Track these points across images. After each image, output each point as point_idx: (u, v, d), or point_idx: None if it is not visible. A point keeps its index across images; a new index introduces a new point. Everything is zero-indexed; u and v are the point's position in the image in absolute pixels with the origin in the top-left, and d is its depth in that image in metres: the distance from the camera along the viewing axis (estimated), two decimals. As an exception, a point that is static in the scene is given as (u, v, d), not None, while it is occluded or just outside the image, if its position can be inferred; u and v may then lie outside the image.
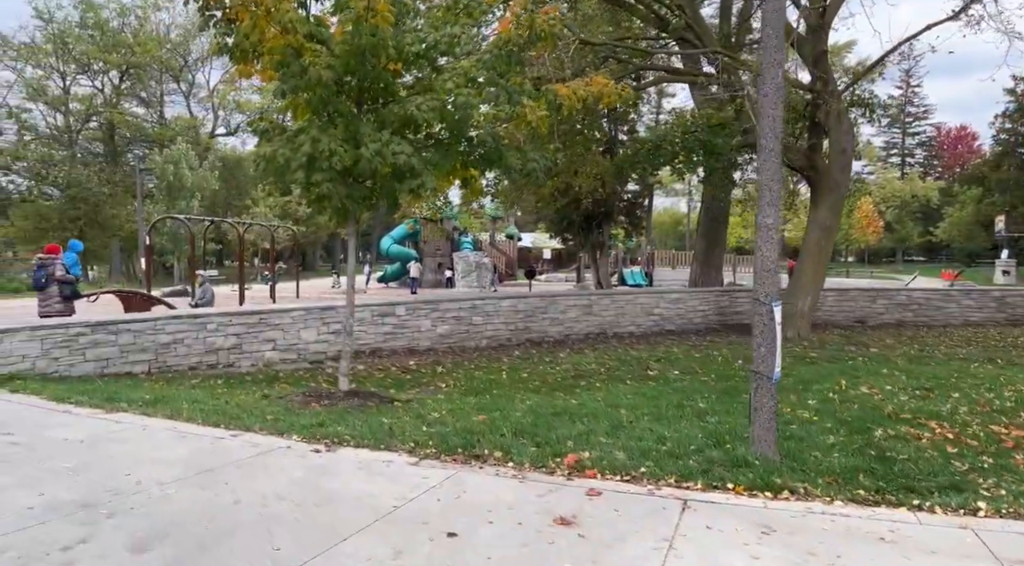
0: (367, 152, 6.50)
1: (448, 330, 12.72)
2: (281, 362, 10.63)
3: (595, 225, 27.32)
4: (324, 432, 5.55)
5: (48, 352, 8.20)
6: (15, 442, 5.18)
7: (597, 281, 29.76)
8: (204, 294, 12.31)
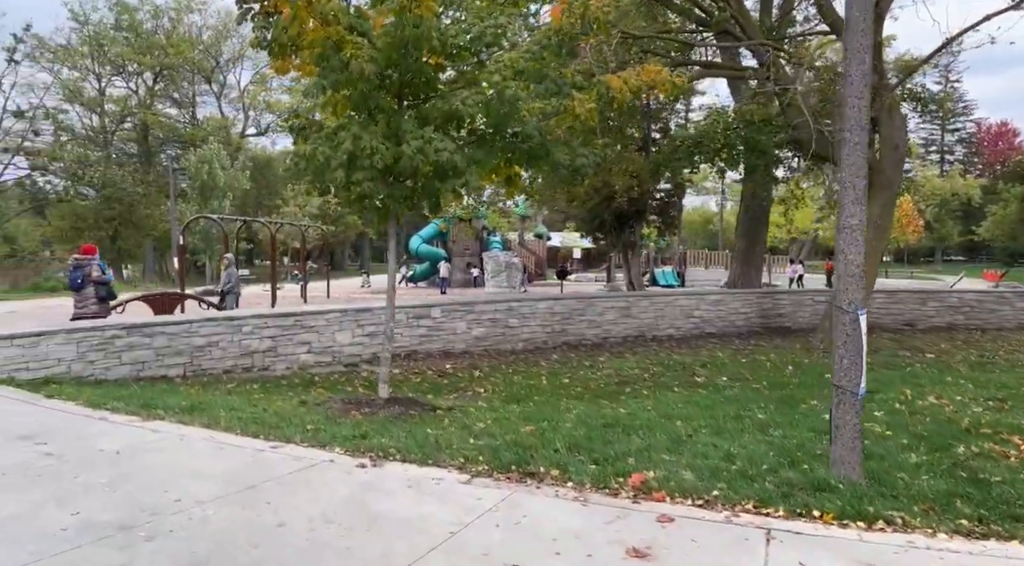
0: (409, 149, 6.20)
1: (484, 333, 12.41)
2: (316, 365, 10.41)
3: (627, 224, 26.88)
4: (368, 445, 5.26)
5: (84, 355, 8.06)
6: (49, 452, 4.97)
7: (629, 281, 29.22)
8: (230, 278, 12.14)
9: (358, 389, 9.13)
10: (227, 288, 11.85)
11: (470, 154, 6.48)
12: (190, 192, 36.17)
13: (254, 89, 55.46)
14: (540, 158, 6.93)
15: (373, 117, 6.65)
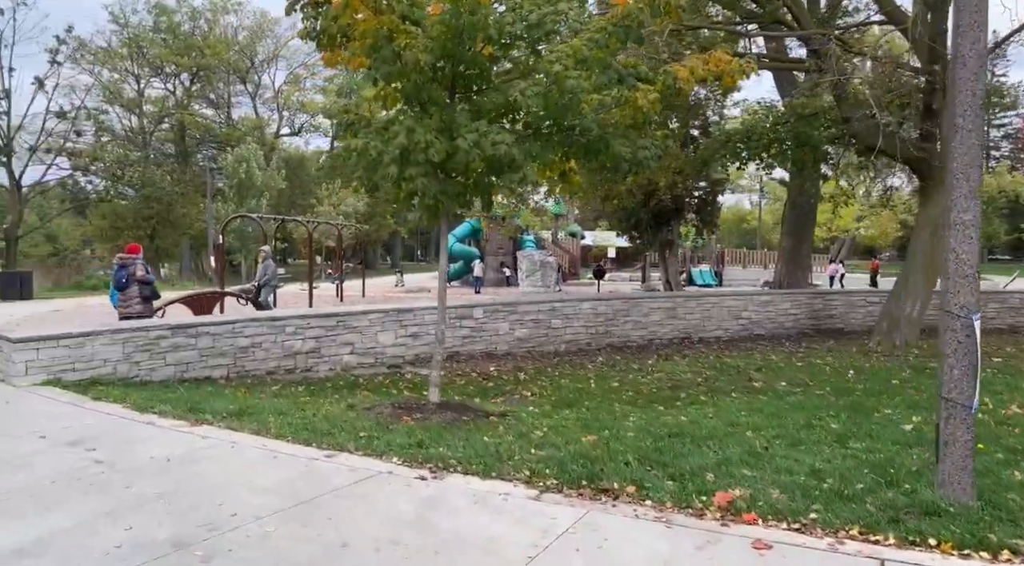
0: (464, 143, 5.90)
1: (526, 334, 12.10)
2: (359, 366, 10.20)
3: (665, 222, 26.35)
4: (426, 454, 4.98)
5: (129, 356, 7.94)
6: (99, 459, 4.78)
7: (666, 280, 28.69)
8: (266, 271, 12.00)
9: (403, 392, 8.90)
10: (263, 281, 11.69)
11: (527, 148, 6.16)
12: (227, 191, 36.53)
13: (288, 89, 55.96)
14: (598, 152, 6.58)
15: (426, 110, 6.38)
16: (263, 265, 11.87)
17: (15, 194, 31.63)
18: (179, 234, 42.44)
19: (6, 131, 29.53)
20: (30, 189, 33.80)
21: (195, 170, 46.96)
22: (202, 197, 42.30)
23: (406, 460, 4.91)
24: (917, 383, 9.28)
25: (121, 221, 40.16)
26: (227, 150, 40.99)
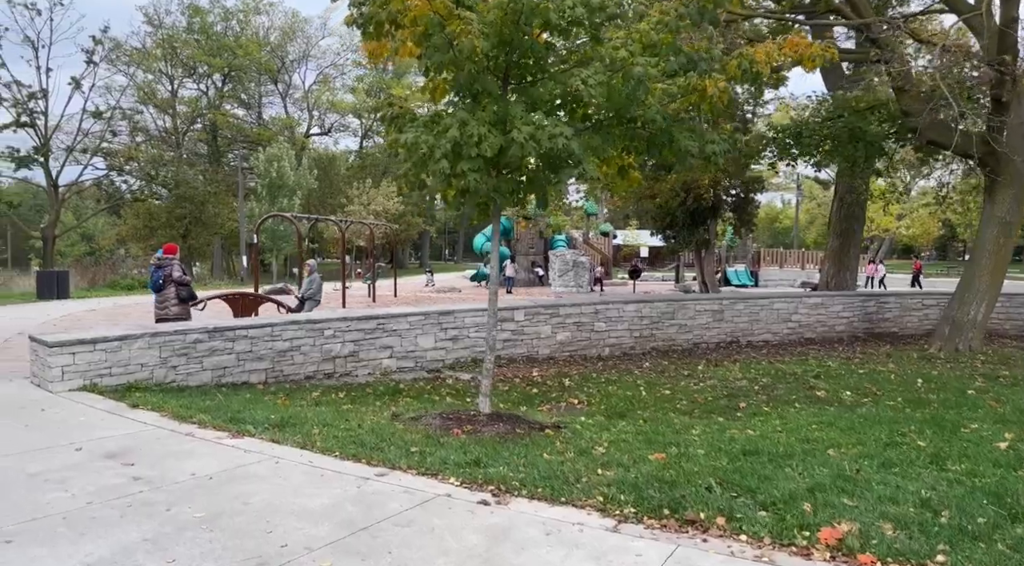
0: (519, 136, 5.48)
1: (568, 337, 11.66)
2: (398, 371, 9.86)
3: (701, 221, 25.72)
4: (485, 475, 4.57)
5: (166, 360, 7.68)
6: (138, 476, 4.46)
7: (702, 281, 28.02)
8: (311, 284, 11.72)
9: (445, 398, 8.52)
10: (308, 294, 11.43)
11: (586, 141, 5.72)
12: (259, 190, 36.64)
13: (318, 89, 56.16)
14: (662, 146, 6.12)
15: (478, 102, 5.98)
16: (309, 279, 11.62)
17: (52, 194, 32.03)
18: (211, 233, 42.78)
19: (44, 131, 29.87)
20: (67, 189, 34.26)
21: (226, 170, 47.31)
22: (233, 197, 42.54)
23: (464, 481, 4.51)
24: (995, 393, 8.65)
25: (155, 220, 40.57)
26: (258, 150, 41.16)
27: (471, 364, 10.58)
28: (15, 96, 28.25)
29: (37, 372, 7.23)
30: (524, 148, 5.52)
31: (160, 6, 44.43)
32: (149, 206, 41.44)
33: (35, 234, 39.40)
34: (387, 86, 56.42)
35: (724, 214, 25.98)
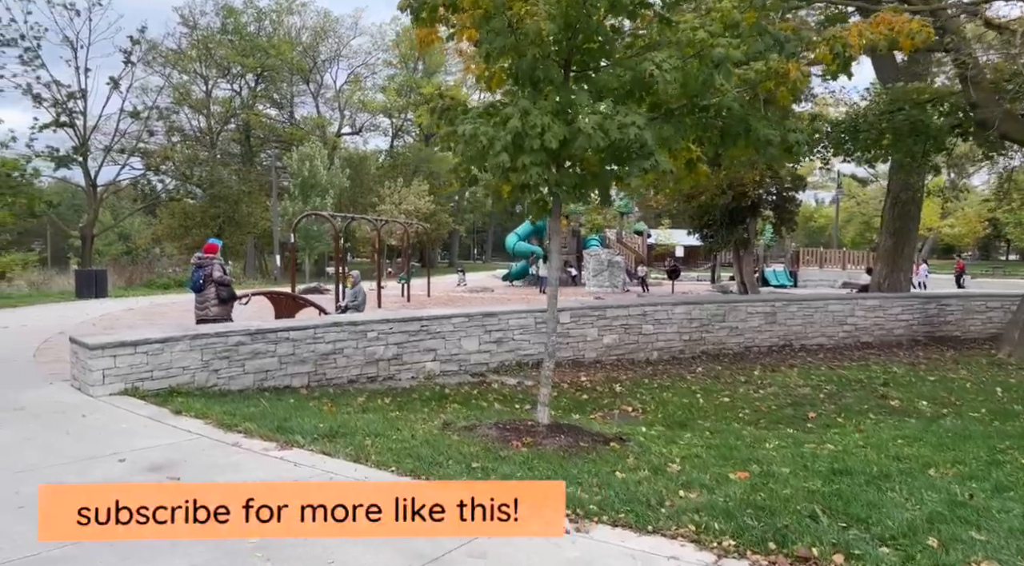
0: (586, 125, 5.06)
1: (615, 340, 11.20)
2: (442, 374, 9.51)
3: (740, 220, 25.05)
4: (559, 496, 4.16)
5: (208, 363, 7.41)
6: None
7: (740, 281, 27.28)
8: (356, 296, 11.44)
9: (494, 405, 8.14)
10: (352, 304, 11.15)
11: (657, 131, 5.28)
12: (292, 189, 36.73)
13: (349, 88, 56.31)
14: (737, 136, 5.65)
15: (539, 90, 5.57)
16: (353, 290, 11.36)
17: (91, 193, 32.45)
18: (244, 233, 43.04)
19: (83, 131, 30.25)
20: (105, 188, 34.73)
21: (259, 169, 47.63)
22: (266, 196, 42.79)
23: (536, 503, 4.10)
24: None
25: (189, 220, 40.94)
26: (291, 149, 41.34)
27: (516, 368, 10.20)
28: (55, 96, 28.63)
29: (77, 375, 7.01)
30: (591, 139, 5.10)
31: (195, 7, 44.95)
32: (184, 205, 41.84)
33: (74, 233, 40.04)
34: (417, 85, 56.30)
35: (764, 212, 25.29)
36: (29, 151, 22.00)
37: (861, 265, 35.38)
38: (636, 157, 5.30)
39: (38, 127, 25.66)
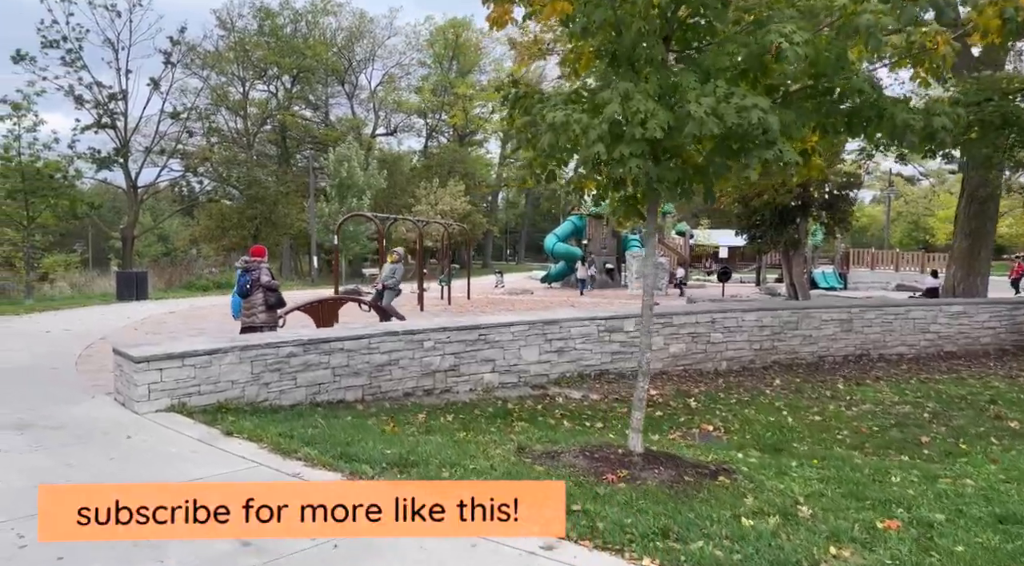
0: (698, 110, 4.35)
1: (682, 349, 10.43)
2: (500, 386, 8.85)
3: (790, 220, 24.04)
4: (687, 554, 3.45)
5: (258, 377, 6.86)
6: (246, 541, 3.54)
7: (789, 283, 26.22)
8: (394, 274, 10.80)
9: (562, 423, 7.45)
10: (390, 283, 10.51)
11: (781, 116, 4.53)
12: (329, 190, 36.53)
13: (384, 89, 56.18)
14: (867, 122, 4.87)
15: (638, 72, 4.86)
16: (393, 266, 10.72)
17: (132, 195, 32.61)
18: (280, 234, 43.05)
19: (123, 133, 30.37)
20: (145, 190, 34.91)
21: (294, 171, 47.67)
22: (301, 197, 42.72)
23: (662, 563, 3.40)
24: None
25: (227, 221, 41.07)
26: (327, 150, 41.22)
27: (578, 380, 9.50)
28: (96, 97, 28.75)
29: (121, 389, 6.51)
30: (703, 125, 4.38)
31: (232, 9, 45.11)
32: (221, 207, 42.00)
33: (115, 235, 40.43)
34: (452, 85, 55.98)
35: (815, 212, 24.25)
36: (71, 152, 21.95)
37: (914, 266, 33.86)
38: (755, 146, 4.57)
39: (80, 128, 25.76)
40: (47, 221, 22.08)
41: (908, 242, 57.37)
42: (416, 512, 3.49)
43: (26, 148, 19.63)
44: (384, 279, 10.69)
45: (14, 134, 19.42)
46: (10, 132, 19.43)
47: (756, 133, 4.44)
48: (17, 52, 25.47)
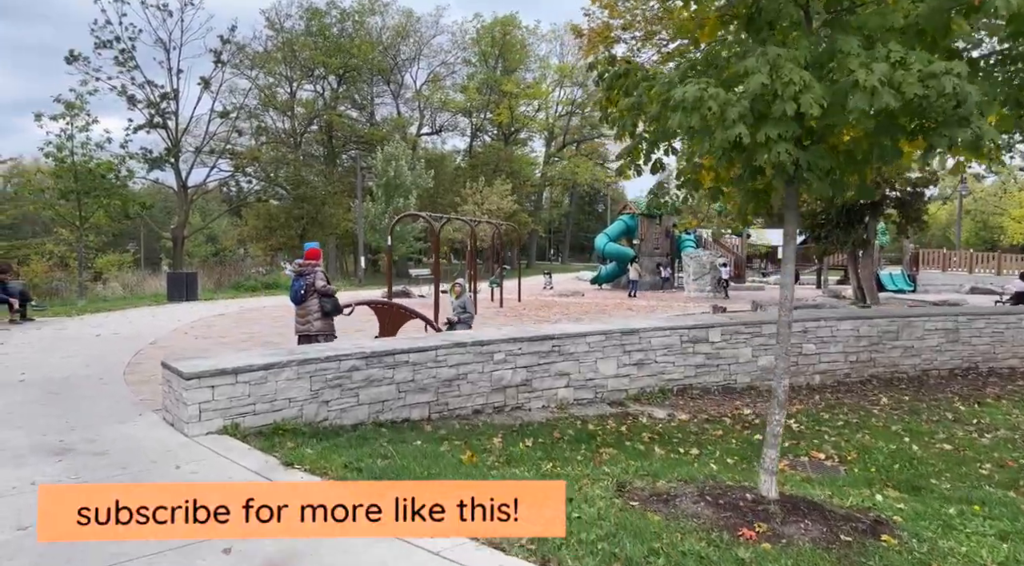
0: (868, 78, 3.45)
1: (771, 362, 9.41)
2: (575, 403, 8.02)
3: (858, 220, 22.64)
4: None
5: (318, 394, 6.18)
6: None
7: (857, 286, 24.78)
8: (465, 308, 10.07)
9: (653, 448, 6.59)
10: (463, 318, 9.81)
11: (979, 85, 3.59)
12: (375, 190, 36.25)
13: (429, 88, 55.86)
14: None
15: (781, 37, 3.98)
16: (460, 300, 10.02)
17: (182, 195, 32.79)
18: (327, 234, 43.02)
19: (174, 132, 30.50)
20: (195, 190, 35.13)
21: (340, 170, 47.61)
22: (346, 197, 42.58)
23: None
24: None
25: (274, 221, 41.21)
26: (372, 150, 40.96)
27: (659, 395, 8.61)
28: (148, 97, 28.89)
29: (170, 407, 5.90)
30: (877, 97, 3.48)
31: (281, 9, 45.28)
32: (269, 207, 42.14)
33: (166, 235, 40.91)
34: (498, 82, 55.36)
35: (886, 211, 22.81)
36: (123, 152, 21.89)
37: (990, 267, 31.79)
38: (941, 125, 3.64)
39: (132, 128, 25.80)
40: (100, 221, 22.09)
41: (975, 242, 54.53)
42: (416, 512, 3.43)
43: (79, 148, 19.59)
44: (456, 313, 9.97)
45: (67, 133, 19.39)
46: (63, 131, 19.40)
47: (946, 107, 3.52)
48: (71, 52, 25.71)
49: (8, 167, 36.64)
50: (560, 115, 63.04)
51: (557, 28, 59.08)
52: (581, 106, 62.64)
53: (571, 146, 65.66)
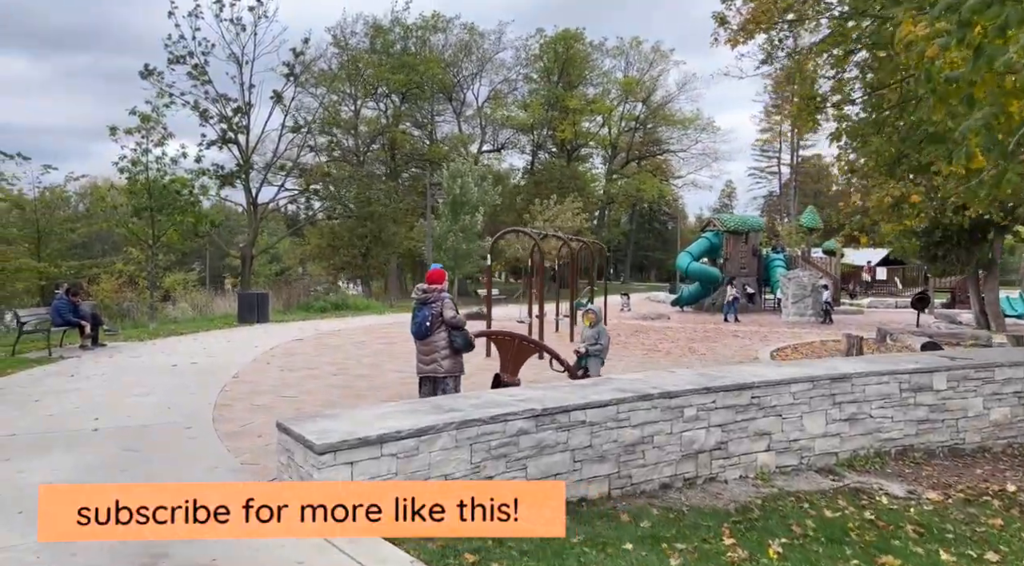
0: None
1: (1006, 415, 7.42)
2: (779, 472, 6.19)
3: (982, 237, 20.18)
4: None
5: (479, 468, 4.55)
6: None
7: (980, 311, 22.18)
8: (598, 337, 8.40)
9: (936, 552, 4.69)
10: (594, 350, 8.17)
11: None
12: (441, 208, 35.08)
13: (491, 105, 54.93)
14: None
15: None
16: (595, 330, 8.37)
17: (252, 212, 32.20)
18: (389, 253, 42.04)
19: (245, 148, 29.96)
20: (265, 207, 34.63)
21: (402, 188, 46.81)
22: (408, 215, 41.58)
23: None
24: None
25: (338, 240, 40.39)
26: (435, 168, 39.97)
27: (875, 460, 6.69)
28: (221, 112, 28.40)
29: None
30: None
31: (346, 27, 45.03)
32: (332, 225, 41.42)
33: (234, 253, 40.57)
34: (560, 98, 54.05)
35: (1013, 226, 20.28)
36: (197, 167, 21.11)
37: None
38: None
39: (206, 143, 25.16)
40: (171, 239, 21.32)
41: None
42: (416, 512, 3.39)
43: (153, 163, 18.81)
44: (587, 344, 8.32)
45: (142, 148, 18.63)
46: (138, 145, 18.66)
47: None
48: (145, 67, 25.30)
49: (82, 185, 36.90)
50: (625, 130, 61.28)
51: (623, 43, 57.60)
52: (643, 122, 60.81)
53: (633, 163, 63.75)
